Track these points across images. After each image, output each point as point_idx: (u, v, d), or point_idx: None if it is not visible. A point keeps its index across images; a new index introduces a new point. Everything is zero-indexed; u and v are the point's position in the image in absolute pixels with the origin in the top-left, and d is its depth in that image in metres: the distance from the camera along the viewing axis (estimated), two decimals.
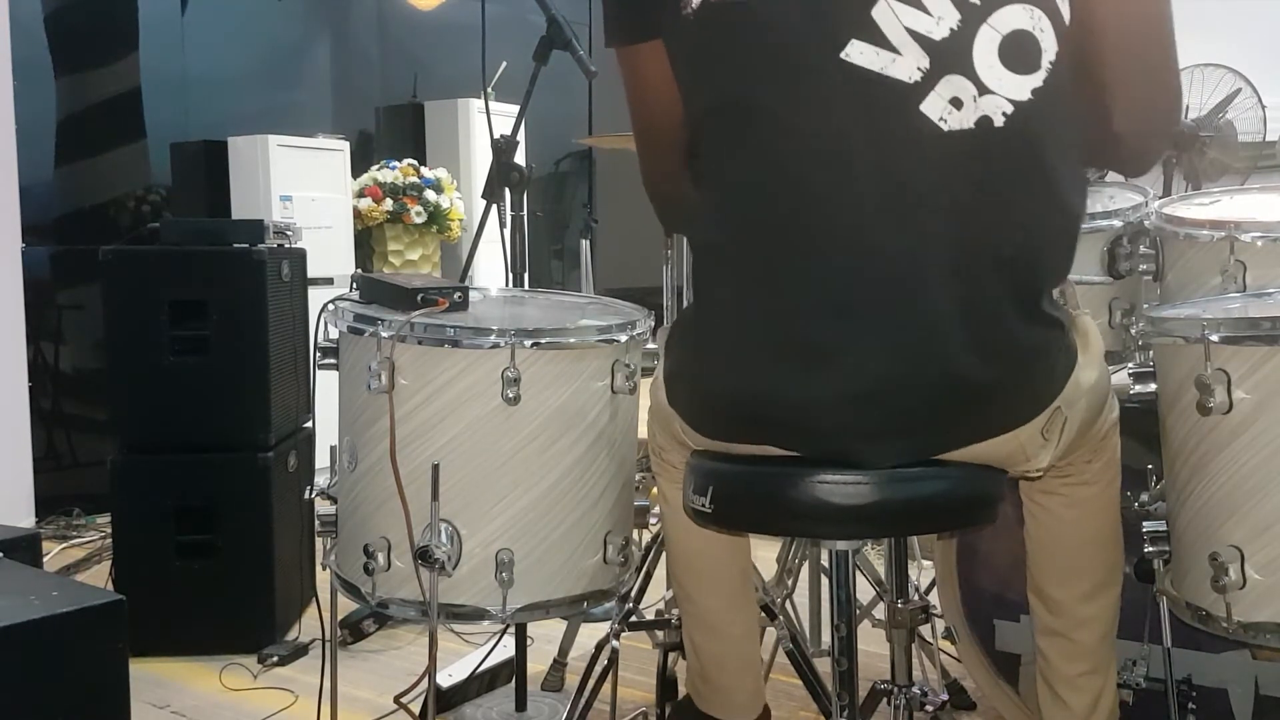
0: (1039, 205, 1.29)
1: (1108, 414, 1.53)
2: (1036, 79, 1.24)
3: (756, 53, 1.26)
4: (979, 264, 1.25)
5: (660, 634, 2.12)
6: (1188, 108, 3.63)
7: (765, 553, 2.22)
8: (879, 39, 1.22)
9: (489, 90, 4.69)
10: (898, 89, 1.22)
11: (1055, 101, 1.25)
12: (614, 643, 2.05)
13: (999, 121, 1.23)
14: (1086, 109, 1.31)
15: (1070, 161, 1.32)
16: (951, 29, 1.22)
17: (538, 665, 2.41)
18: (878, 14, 1.22)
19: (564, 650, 2.43)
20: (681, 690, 2.07)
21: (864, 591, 1.91)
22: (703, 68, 1.32)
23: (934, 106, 1.22)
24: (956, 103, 1.22)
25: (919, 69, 1.22)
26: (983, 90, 1.22)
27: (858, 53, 1.22)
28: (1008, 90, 1.23)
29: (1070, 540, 1.59)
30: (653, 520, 1.84)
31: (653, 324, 1.78)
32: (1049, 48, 1.24)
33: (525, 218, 2.31)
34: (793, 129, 1.26)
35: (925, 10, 1.22)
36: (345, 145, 4.74)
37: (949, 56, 1.22)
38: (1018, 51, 1.23)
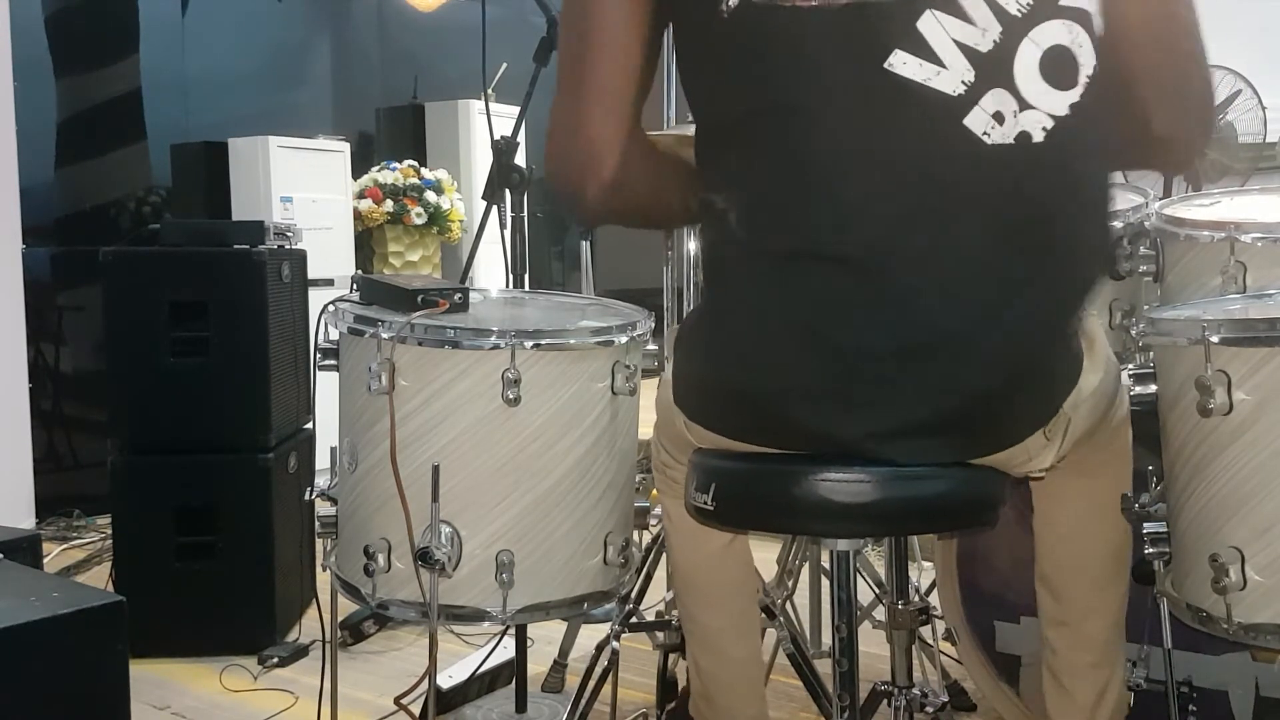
0: (1076, 221, 1.29)
1: (1118, 408, 1.53)
2: (1074, 94, 1.24)
3: (798, 59, 1.25)
4: (1016, 276, 1.25)
5: (660, 635, 2.12)
6: None
7: (766, 554, 2.22)
8: (924, 51, 1.21)
9: (489, 91, 4.69)
10: (942, 102, 1.21)
11: (1092, 117, 1.25)
12: (614, 644, 2.05)
13: (1038, 137, 1.23)
14: (1125, 117, 1.31)
15: (1105, 177, 1.33)
16: (995, 41, 1.21)
17: (538, 666, 2.41)
18: (924, 26, 1.21)
19: (564, 651, 2.43)
20: (680, 689, 2.07)
21: (864, 593, 1.91)
22: (739, 70, 1.30)
23: (977, 120, 1.21)
24: (999, 117, 1.22)
25: (964, 82, 1.21)
26: (1023, 105, 1.22)
27: (901, 63, 1.21)
28: (1048, 105, 1.23)
29: (1079, 529, 1.58)
30: (653, 521, 1.84)
31: (653, 325, 1.78)
32: (1086, 63, 1.24)
33: (525, 219, 2.31)
34: (831, 135, 1.25)
35: (970, 21, 1.21)
36: (345, 146, 4.75)
37: (993, 69, 1.21)
38: (1057, 67, 1.23)
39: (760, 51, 1.27)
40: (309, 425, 3.03)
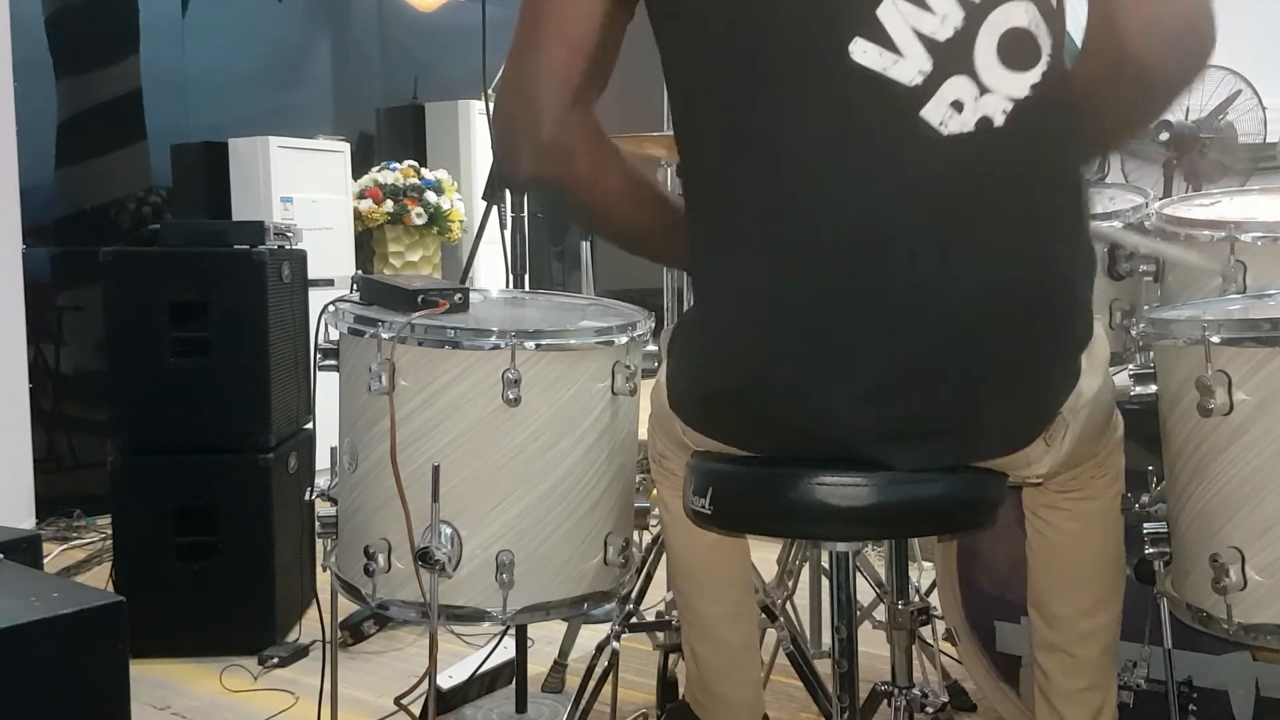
0: (1048, 205, 1.28)
1: (1113, 431, 1.53)
2: (1035, 75, 1.23)
3: (763, 47, 1.24)
4: (985, 268, 1.24)
5: (660, 635, 2.12)
6: (1188, 109, 3.63)
7: (765, 554, 2.22)
8: (883, 39, 1.20)
9: (489, 91, 4.69)
10: (899, 92, 1.20)
11: (1054, 96, 1.24)
12: (614, 644, 2.05)
13: (999, 121, 1.22)
14: (1093, 36, 1.26)
15: (1074, 159, 1.32)
16: (956, 28, 1.20)
17: (538, 667, 2.41)
18: (883, 14, 1.20)
19: (564, 652, 2.43)
20: (682, 692, 2.07)
21: (864, 593, 1.91)
22: (708, 61, 1.30)
23: (935, 111, 1.21)
24: (957, 105, 1.21)
25: (920, 72, 1.20)
26: (983, 90, 1.21)
27: (861, 51, 1.20)
28: (1008, 88, 1.22)
29: (1073, 555, 1.58)
30: (653, 521, 1.84)
31: (653, 325, 1.78)
32: (1045, 41, 1.23)
33: (526, 219, 2.31)
34: (797, 127, 1.24)
35: (929, 9, 1.20)
36: (346, 146, 4.75)
37: (952, 57, 1.20)
38: (1016, 48, 1.22)
39: (727, 40, 1.26)
40: (309, 425, 3.03)
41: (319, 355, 1.76)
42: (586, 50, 1.32)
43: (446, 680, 2.38)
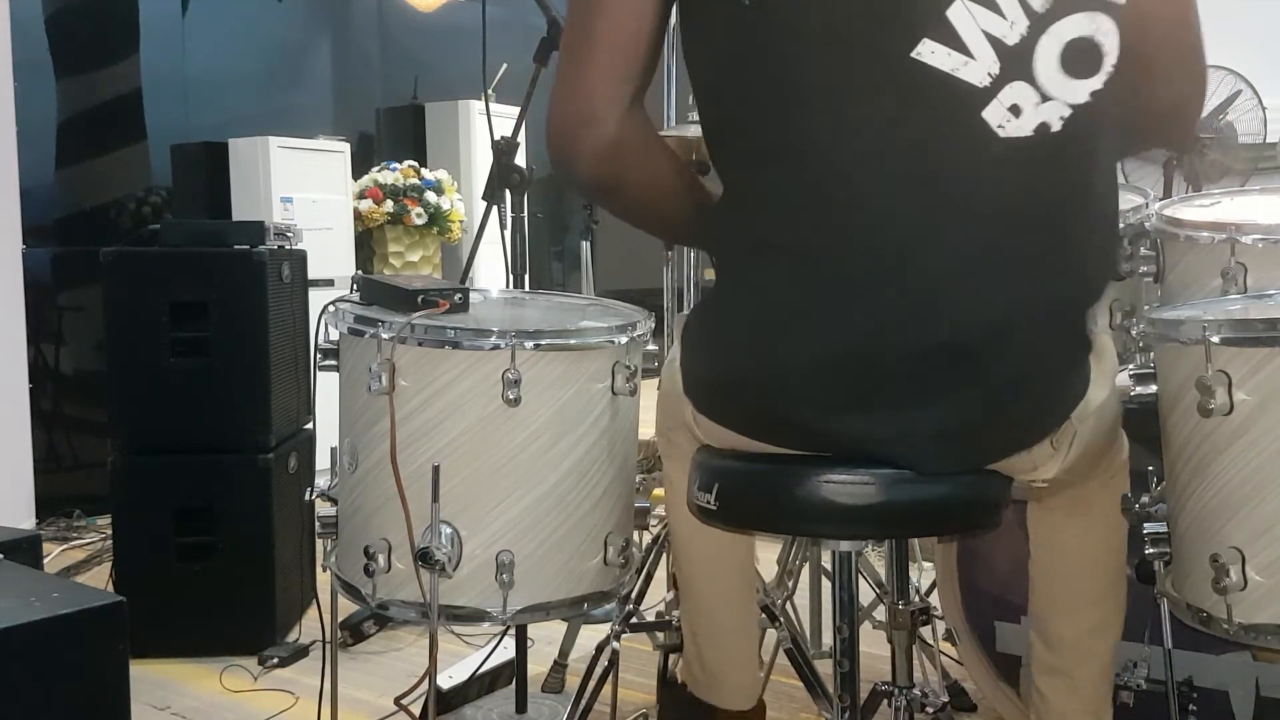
0: (1088, 214, 1.29)
1: (1118, 453, 1.53)
2: (1096, 81, 1.24)
3: (827, 47, 1.23)
4: (1030, 274, 1.25)
5: (660, 635, 2.12)
6: None
7: (766, 554, 2.22)
8: (953, 40, 1.20)
9: (489, 91, 4.69)
10: (966, 93, 1.21)
11: (1110, 104, 1.26)
12: (614, 644, 2.05)
13: (1056, 126, 1.23)
14: (1143, 90, 1.35)
15: (1113, 168, 1.34)
16: (1021, 35, 1.21)
17: (538, 667, 2.41)
18: (953, 14, 1.20)
19: (564, 652, 2.44)
20: (679, 672, 2.07)
21: (865, 593, 1.91)
22: (763, 61, 1.28)
23: (994, 113, 1.21)
24: (1016, 110, 1.22)
25: (989, 74, 1.21)
26: (1044, 97, 1.22)
27: (929, 52, 1.20)
28: (1067, 95, 1.23)
29: (1076, 573, 1.58)
30: (653, 522, 1.84)
31: (653, 325, 1.78)
32: (1111, 50, 1.25)
33: (526, 219, 2.31)
34: (853, 127, 1.23)
35: (1000, 13, 1.21)
36: (346, 147, 4.75)
37: (1016, 63, 1.21)
38: (1079, 57, 1.23)
39: (787, 41, 1.25)
40: (309, 425, 3.03)
41: (319, 355, 1.76)
42: (640, 50, 1.32)
43: (446, 680, 2.38)
